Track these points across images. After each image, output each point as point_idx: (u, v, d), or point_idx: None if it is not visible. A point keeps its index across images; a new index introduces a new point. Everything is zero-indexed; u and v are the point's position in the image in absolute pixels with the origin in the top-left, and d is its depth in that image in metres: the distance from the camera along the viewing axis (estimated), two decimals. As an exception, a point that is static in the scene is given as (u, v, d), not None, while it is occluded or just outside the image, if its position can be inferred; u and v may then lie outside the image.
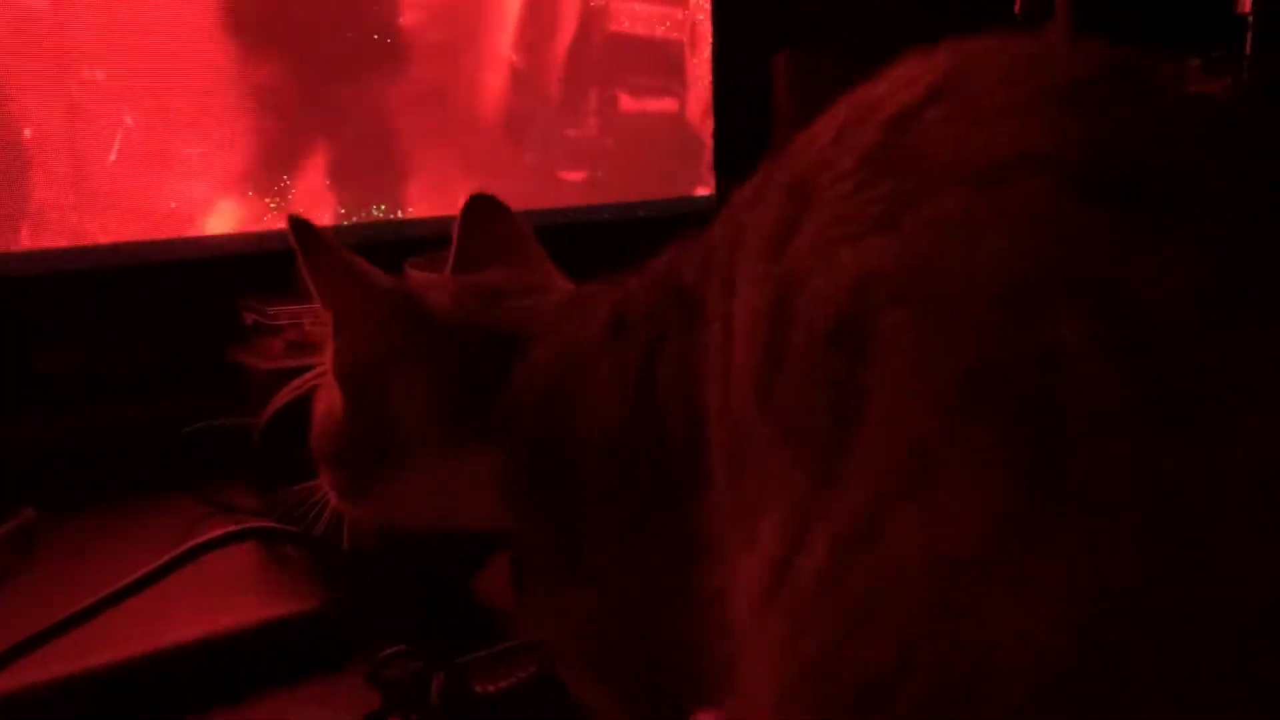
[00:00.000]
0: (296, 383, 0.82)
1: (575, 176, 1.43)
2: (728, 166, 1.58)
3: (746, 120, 1.58)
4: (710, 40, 1.53)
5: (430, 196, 1.30)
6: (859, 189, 0.40)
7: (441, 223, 1.22)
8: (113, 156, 1.08)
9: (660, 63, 1.51)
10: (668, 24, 1.50)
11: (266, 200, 1.18)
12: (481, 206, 0.71)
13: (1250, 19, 1.41)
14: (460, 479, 0.59)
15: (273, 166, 1.18)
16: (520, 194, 1.51)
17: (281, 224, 1.28)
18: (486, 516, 0.60)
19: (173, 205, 1.11)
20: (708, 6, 1.52)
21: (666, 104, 1.53)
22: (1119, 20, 1.47)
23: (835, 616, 0.36)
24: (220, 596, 0.73)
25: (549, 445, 0.56)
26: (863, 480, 0.36)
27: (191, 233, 1.13)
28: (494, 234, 0.70)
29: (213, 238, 1.15)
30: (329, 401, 0.63)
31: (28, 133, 1.03)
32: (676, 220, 1.49)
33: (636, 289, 0.56)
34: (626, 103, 1.47)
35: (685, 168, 1.56)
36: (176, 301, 1.14)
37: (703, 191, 1.58)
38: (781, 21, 1.60)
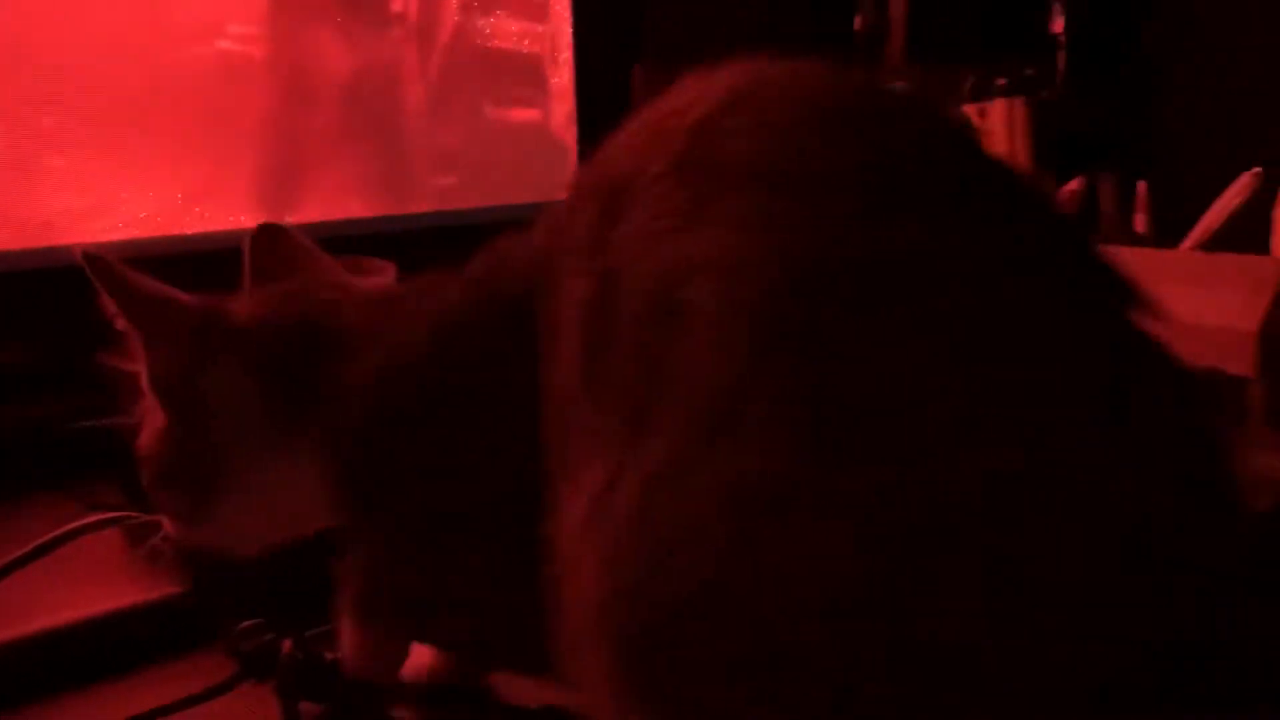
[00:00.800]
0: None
1: (444, 181, 1.50)
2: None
3: (609, 127, 1.66)
4: (571, 53, 1.62)
5: (307, 203, 1.36)
6: (671, 189, 0.48)
7: (314, 229, 1.28)
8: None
9: (524, 74, 1.58)
10: (530, 38, 1.58)
11: (138, 210, 1.22)
12: (269, 232, 0.75)
13: (1062, 38, 1.55)
14: (293, 483, 0.63)
15: (141, 176, 1.23)
16: (390, 198, 1.58)
17: (151, 231, 1.33)
18: (320, 519, 0.65)
19: (41, 214, 1.15)
20: (568, 21, 1.61)
21: (531, 113, 1.61)
22: (946, 39, 1.60)
23: (644, 548, 0.43)
24: (86, 584, 0.79)
25: (381, 448, 0.61)
26: (671, 428, 0.43)
27: (61, 240, 1.17)
28: (285, 253, 0.75)
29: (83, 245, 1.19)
30: (152, 423, 0.67)
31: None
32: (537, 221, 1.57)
33: (455, 297, 0.63)
34: (492, 112, 1.54)
35: (550, 173, 1.64)
36: (48, 307, 1.18)
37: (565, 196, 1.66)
38: (639, 34, 1.69)
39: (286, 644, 0.66)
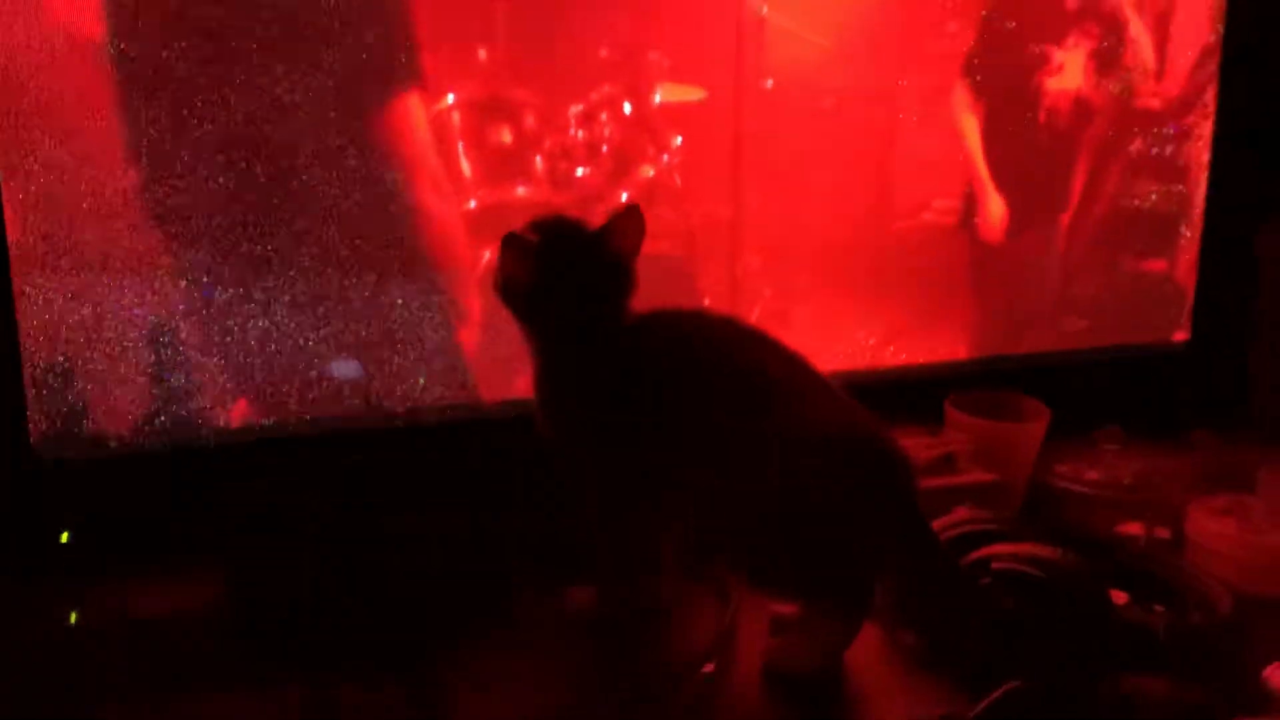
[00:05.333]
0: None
1: (1077, 325, 1.72)
2: (1205, 315, 1.82)
3: (1227, 278, 1.79)
4: (1201, 211, 1.78)
5: (966, 341, 1.64)
6: None
7: (968, 365, 1.54)
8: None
9: (1156, 228, 1.77)
10: (1167, 197, 1.76)
11: (847, 347, 1.56)
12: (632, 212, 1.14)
13: None
14: None
15: (851, 319, 1.58)
16: (1030, 340, 1.80)
17: (856, 364, 1.68)
18: None
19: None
20: (1203, 184, 1.77)
21: (1157, 264, 1.78)
22: None
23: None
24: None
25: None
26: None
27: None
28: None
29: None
30: None
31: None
32: (1156, 360, 1.74)
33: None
34: (1124, 262, 1.75)
35: (1165, 316, 1.80)
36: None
37: (1180, 337, 1.83)
38: (1268, 196, 1.79)
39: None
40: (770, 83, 1.42)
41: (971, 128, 1.59)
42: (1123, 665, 1.00)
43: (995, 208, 1.63)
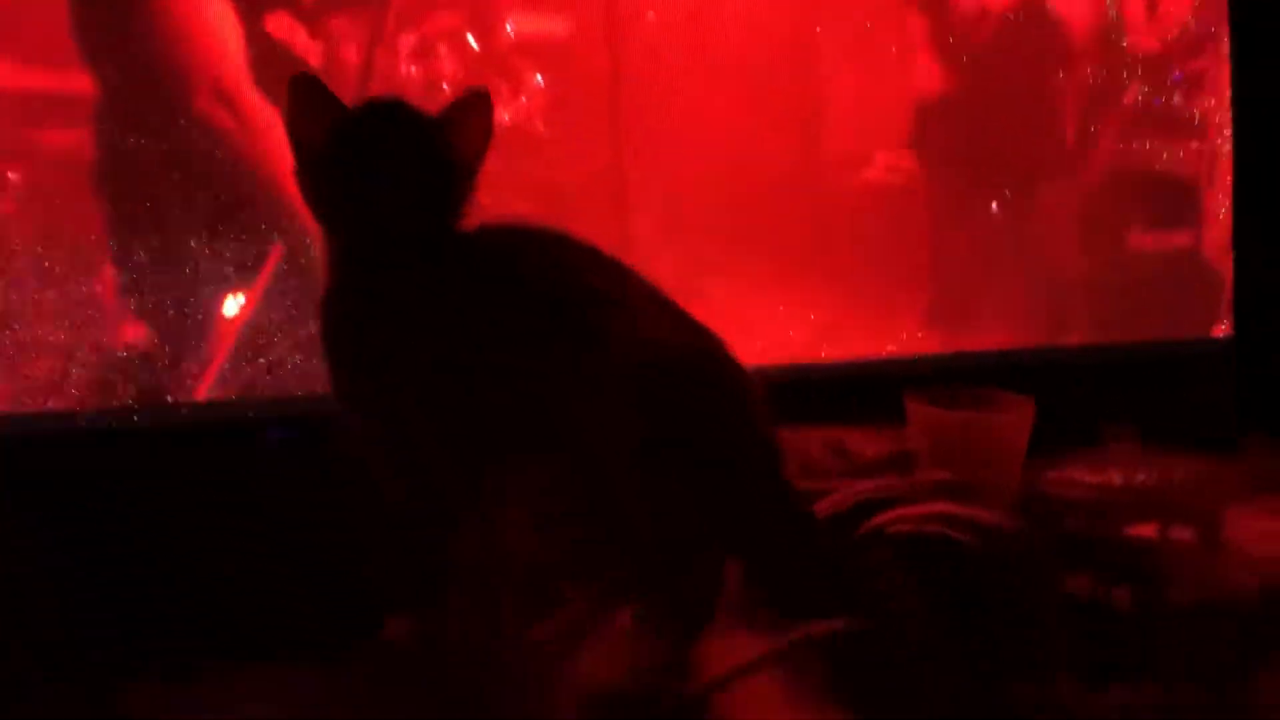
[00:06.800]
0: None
1: (1081, 313, 1.42)
2: (1249, 305, 1.49)
3: (1272, 256, 1.48)
4: (1231, 173, 1.47)
5: (944, 331, 1.36)
6: None
7: (950, 359, 1.25)
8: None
9: (1174, 197, 1.47)
10: (1183, 159, 1.46)
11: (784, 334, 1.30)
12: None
13: None
14: None
15: (789, 300, 1.31)
16: (1024, 329, 1.52)
17: (794, 356, 1.38)
18: None
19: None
20: (1229, 136, 1.47)
21: (1180, 239, 1.48)
22: None
23: None
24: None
25: None
26: None
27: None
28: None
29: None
30: None
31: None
32: (1192, 360, 1.42)
33: None
34: (1137, 239, 1.45)
35: (1202, 307, 1.48)
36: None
37: (1221, 332, 1.49)
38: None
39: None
40: (652, 15, 1.19)
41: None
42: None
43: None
